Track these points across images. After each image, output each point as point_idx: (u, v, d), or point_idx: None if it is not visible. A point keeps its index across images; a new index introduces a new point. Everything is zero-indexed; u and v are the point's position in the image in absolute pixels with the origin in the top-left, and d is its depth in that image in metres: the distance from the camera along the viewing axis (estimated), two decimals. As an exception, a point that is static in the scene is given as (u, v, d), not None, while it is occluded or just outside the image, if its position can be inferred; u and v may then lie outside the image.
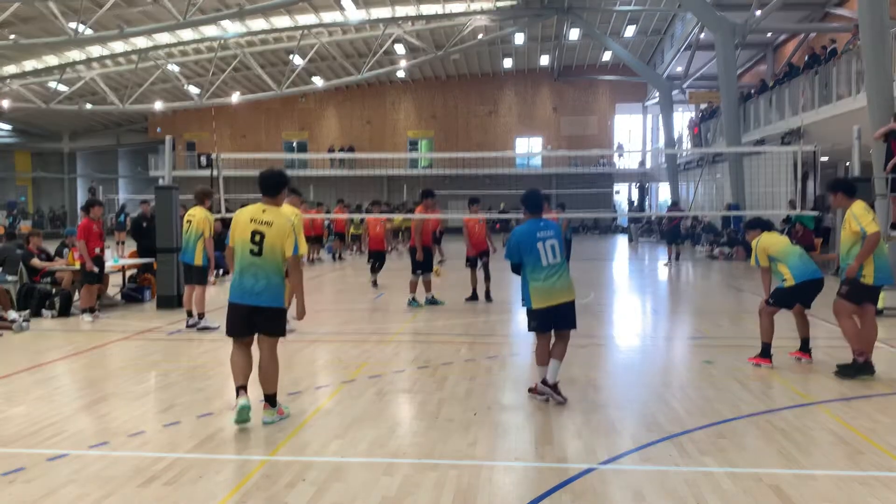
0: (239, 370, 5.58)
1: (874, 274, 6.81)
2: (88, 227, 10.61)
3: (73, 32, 24.62)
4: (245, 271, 5.51)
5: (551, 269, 6.05)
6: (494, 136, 44.81)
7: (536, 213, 6.28)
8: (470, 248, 12.33)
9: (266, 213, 5.56)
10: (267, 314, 5.51)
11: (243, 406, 5.44)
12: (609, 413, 5.94)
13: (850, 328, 6.92)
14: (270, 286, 5.49)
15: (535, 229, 6.12)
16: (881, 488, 4.33)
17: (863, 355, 6.83)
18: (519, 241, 6.11)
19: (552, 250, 6.06)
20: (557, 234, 6.16)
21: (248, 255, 5.50)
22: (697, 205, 30.73)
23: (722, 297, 13.76)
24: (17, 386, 6.80)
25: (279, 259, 5.53)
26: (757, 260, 7.53)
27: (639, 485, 4.38)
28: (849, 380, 6.78)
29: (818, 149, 13.07)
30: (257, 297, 5.47)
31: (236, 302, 5.54)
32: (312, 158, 43.37)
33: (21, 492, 4.27)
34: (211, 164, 13.53)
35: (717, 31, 24.86)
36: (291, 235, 5.55)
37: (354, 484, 4.41)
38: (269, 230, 5.49)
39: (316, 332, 9.54)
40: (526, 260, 6.08)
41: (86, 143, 48.95)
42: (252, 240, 5.49)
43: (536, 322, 6.11)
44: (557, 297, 6.06)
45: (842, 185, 7.27)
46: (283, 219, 5.59)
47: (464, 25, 33.22)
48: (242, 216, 5.60)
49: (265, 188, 5.67)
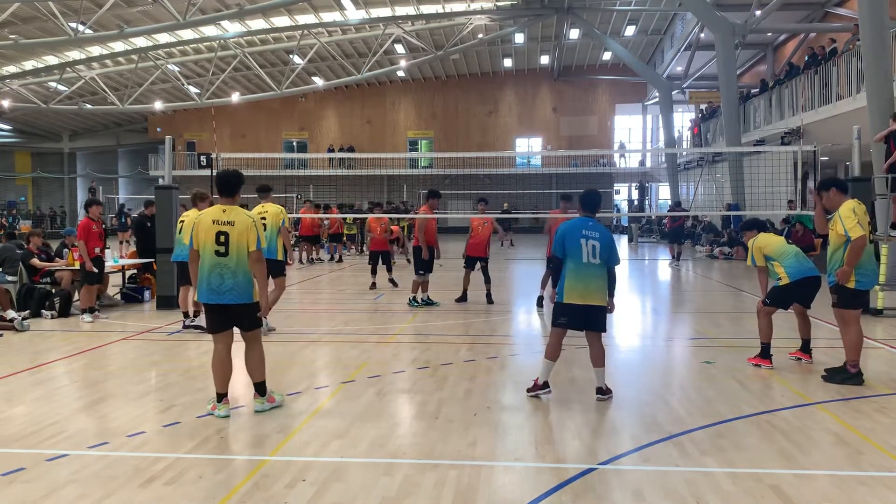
0: (219, 376, 5.84)
1: (856, 279, 6.66)
2: (88, 227, 10.60)
3: (73, 32, 24.63)
4: (211, 271, 5.70)
5: (589, 267, 6.12)
6: (494, 137, 44.83)
7: (590, 212, 6.37)
8: (468, 248, 12.33)
9: (226, 213, 5.76)
10: (238, 311, 5.76)
11: (221, 416, 5.73)
12: (609, 413, 5.95)
13: (853, 337, 6.73)
14: (237, 284, 5.70)
15: (582, 226, 6.21)
16: (881, 488, 4.33)
17: (856, 367, 6.71)
18: (565, 233, 6.19)
19: (594, 250, 6.13)
20: (603, 239, 6.18)
21: (213, 256, 5.69)
22: (697, 205, 30.72)
23: (722, 297, 13.76)
24: (17, 386, 6.80)
25: (245, 256, 5.72)
26: (753, 260, 7.53)
27: (639, 485, 4.38)
28: (835, 384, 6.67)
29: (818, 149, 13.07)
30: (224, 296, 5.70)
31: (206, 302, 5.80)
32: (312, 158, 43.40)
33: (21, 492, 4.27)
34: (211, 164, 13.52)
35: (717, 31, 24.87)
36: (253, 230, 5.74)
37: (354, 484, 4.41)
38: (233, 229, 5.69)
39: (316, 332, 9.54)
40: (568, 253, 6.16)
41: (86, 143, 48.97)
42: (217, 241, 5.68)
43: (566, 319, 6.17)
44: (589, 297, 6.11)
45: (835, 183, 7.02)
46: (244, 216, 5.79)
47: (464, 25, 33.22)
48: (204, 220, 5.77)
49: (222, 188, 5.88)
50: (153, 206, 13.52)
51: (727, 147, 24.21)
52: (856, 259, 6.62)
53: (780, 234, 10.11)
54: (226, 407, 5.80)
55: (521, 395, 6.39)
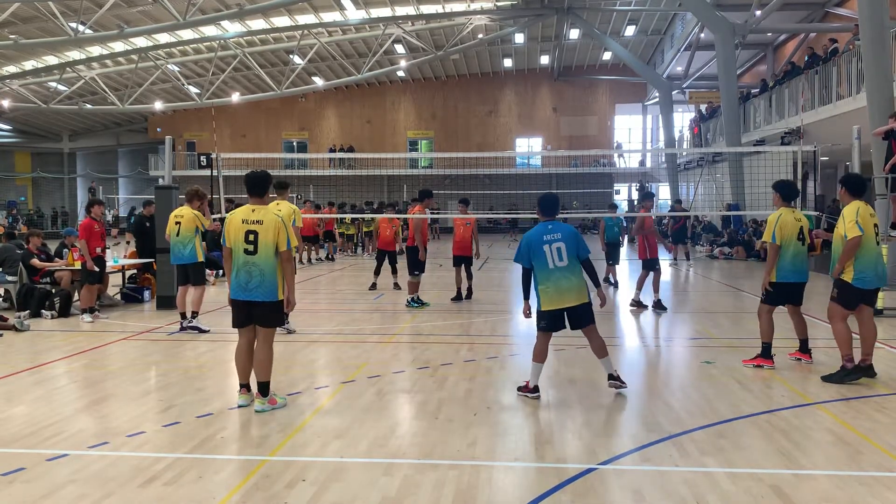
0: (241, 367, 6.05)
1: (854, 276, 6.76)
2: (90, 227, 10.60)
3: (73, 32, 24.64)
4: (240, 269, 5.87)
5: (558, 272, 6.19)
6: (494, 137, 44.84)
7: (549, 216, 6.42)
8: (454, 248, 12.60)
9: (255, 212, 5.92)
10: (262, 308, 5.89)
11: (241, 405, 5.97)
12: (609, 413, 5.95)
13: (840, 332, 6.86)
14: (264, 282, 5.84)
15: (543, 232, 6.29)
16: (881, 488, 4.33)
17: (851, 361, 6.79)
18: (528, 244, 6.29)
19: (558, 252, 6.19)
20: (566, 237, 6.24)
21: (243, 255, 5.86)
22: (697, 205, 30.72)
23: (722, 297, 13.76)
24: (17, 386, 6.80)
25: (273, 254, 5.86)
26: (774, 236, 7.29)
27: (639, 485, 4.38)
28: (836, 384, 6.70)
29: (818, 149, 13.07)
30: (251, 293, 5.85)
31: (234, 298, 5.95)
32: (312, 158, 43.40)
33: (21, 492, 4.27)
34: (211, 163, 13.52)
35: (717, 31, 24.87)
36: (283, 231, 5.90)
37: (354, 484, 4.41)
38: (262, 228, 5.85)
39: (316, 333, 9.54)
40: (535, 263, 6.26)
41: (86, 143, 48.97)
42: (246, 239, 5.84)
43: (545, 322, 6.30)
44: (566, 299, 6.19)
45: (848, 182, 7.15)
46: (272, 215, 5.93)
47: (464, 25, 33.23)
48: (235, 218, 5.95)
49: (251, 188, 6.05)
50: (152, 206, 13.52)
51: (727, 147, 24.21)
52: (847, 258, 6.75)
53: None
54: (245, 397, 6.00)
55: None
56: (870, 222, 6.84)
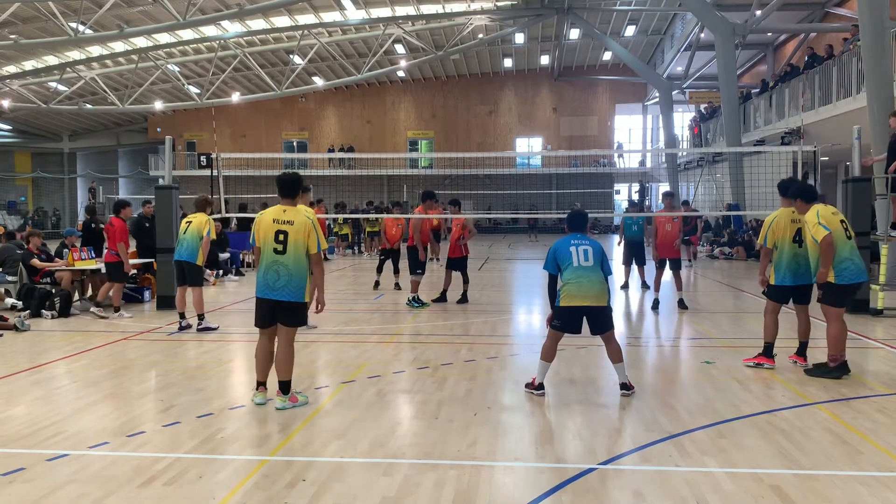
0: (260, 365, 6.10)
1: (835, 274, 6.89)
2: (123, 228, 10.76)
3: (73, 32, 24.61)
4: (268, 269, 5.94)
5: (582, 270, 6.30)
6: (494, 137, 44.83)
7: (577, 232, 6.62)
8: (449, 250, 12.52)
9: (286, 213, 6.00)
10: (287, 308, 5.92)
11: (258, 403, 6.01)
12: (609, 413, 5.95)
13: (836, 333, 6.96)
14: (291, 282, 5.89)
15: (570, 238, 6.50)
16: (881, 488, 4.33)
17: (836, 361, 6.94)
18: (555, 251, 6.46)
19: (584, 253, 6.36)
20: (593, 245, 6.44)
21: (272, 254, 5.92)
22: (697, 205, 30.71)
23: (722, 297, 13.75)
24: (17, 386, 6.80)
25: (302, 255, 5.93)
26: (765, 239, 7.46)
27: (639, 485, 4.38)
28: (815, 378, 6.88)
29: (818, 149, 13.07)
30: (278, 292, 5.90)
31: (260, 296, 6.00)
32: (312, 158, 43.38)
33: (21, 492, 4.27)
34: (211, 163, 13.52)
35: (717, 31, 24.86)
36: (313, 232, 5.97)
37: (354, 484, 4.41)
38: (292, 228, 5.93)
39: (316, 332, 9.54)
40: (560, 264, 6.40)
41: (86, 143, 48.96)
42: (276, 239, 5.92)
43: (559, 322, 6.36)
44: (585, 298, 6.25)
45: (801, 192, 7.19)
46: (303, 216, 5.99)
47: (464, 25, 33.22)
48: (265, 218, 6.02)
49: (283, 190, 6.10)
50: (150, 205, 13.52)
51: (727, 147, 24.21)
52: (828, 258, 6.85)
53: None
54: (262, 395, 6.04)
55: (521, 395, 6.40)
56: (833, 219, 7.00)
